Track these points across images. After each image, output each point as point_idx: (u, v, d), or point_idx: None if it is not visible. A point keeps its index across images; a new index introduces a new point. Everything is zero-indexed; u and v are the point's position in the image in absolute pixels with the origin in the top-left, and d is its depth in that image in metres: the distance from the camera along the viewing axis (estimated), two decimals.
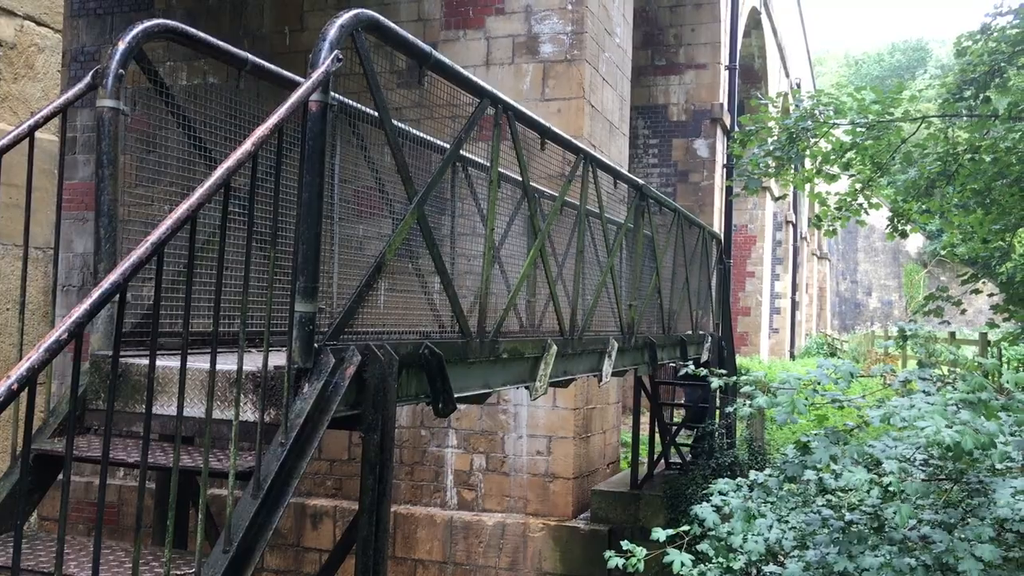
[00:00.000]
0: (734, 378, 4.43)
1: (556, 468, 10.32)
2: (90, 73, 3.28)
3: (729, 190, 18.30)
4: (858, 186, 14.21)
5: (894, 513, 3.16)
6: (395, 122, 3.84)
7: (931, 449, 3.38)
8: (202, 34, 3.66)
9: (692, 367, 5.10)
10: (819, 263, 41.94)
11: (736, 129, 18.19)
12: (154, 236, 2.30)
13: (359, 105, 3.80)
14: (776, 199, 16.37)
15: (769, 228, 25.15)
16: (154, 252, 2.29)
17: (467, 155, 5.09)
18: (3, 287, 3.81)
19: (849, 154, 13.80)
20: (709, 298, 10.33)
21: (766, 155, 13.45)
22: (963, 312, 13.02)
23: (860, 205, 14.45)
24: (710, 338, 10.12)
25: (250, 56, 3.91)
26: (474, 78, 4.18)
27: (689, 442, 11.41)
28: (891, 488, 3.35)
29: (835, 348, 32.56)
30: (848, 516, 3.74)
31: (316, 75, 2.98)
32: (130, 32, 3.32)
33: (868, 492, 3.56)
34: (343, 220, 4.00)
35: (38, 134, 3.22)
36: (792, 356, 29.56)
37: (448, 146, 4.93)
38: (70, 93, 3.19)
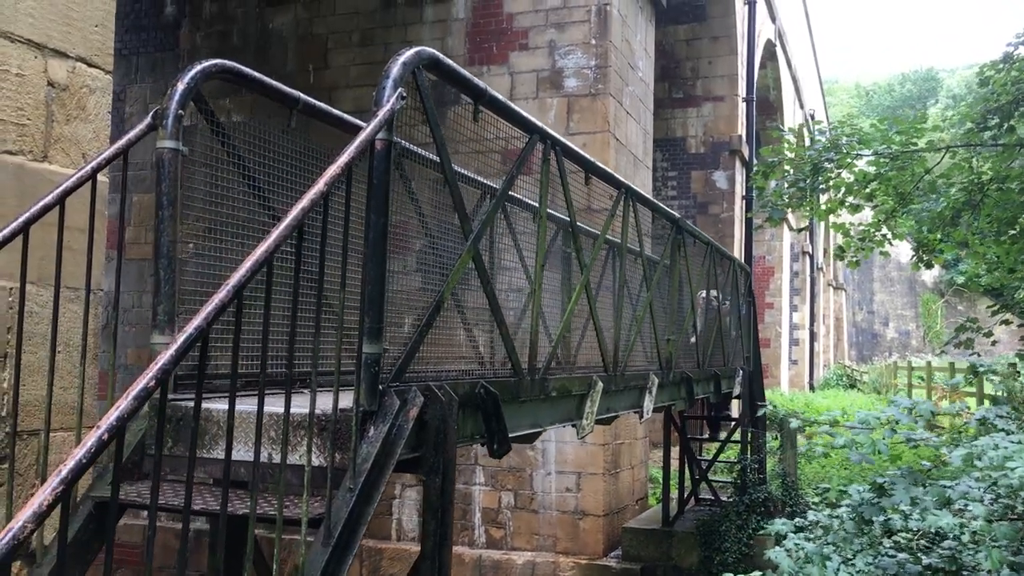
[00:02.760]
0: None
1: (586, 505, 10.17)
2: (150, 114, 3.26)
3: (750, 222, 18.26)
4: (881, 217, 14.15)
5: (985, 557, 3.05)
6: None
7: (1022, 492, 3.28)
8: (256, 74, 3.65)
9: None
10: (835, 293, 41.75)
11: (756, 161, 18.20)
12: (234, 279, 2.26)
13: (413, 146, 3.77)
14: (799, 231, 16.31)
15: (787, 259, 25.07)
16: (235, 295, 2.24)
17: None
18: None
19: (872, 185, 13.76)
20: (739, 331, 10.24)
21: (790, 186, 13.42)
22: (994, 344, 12.89)
23: (884, 235, 14.38)
24: (741, 371, 10.02)
25: (302, 95, 3.91)
26: (525, 114, 4.15)
27: (721, 478, 11.26)
28: (976, 531, 3.25)
29: (855, 379, 32.29)
30: (925, 560, 3.63)
31: (382, 113, 2.95)
32: (188, 72, 3.31)
33: (958, 537, 3.45)
34: (393, 255, 3.95)
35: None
36: (811, 388, 29.32)
37: (491, 184, 4.91)
38: (131, 134, 3.17)
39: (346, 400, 3.05)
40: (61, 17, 3.87)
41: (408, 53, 3.18)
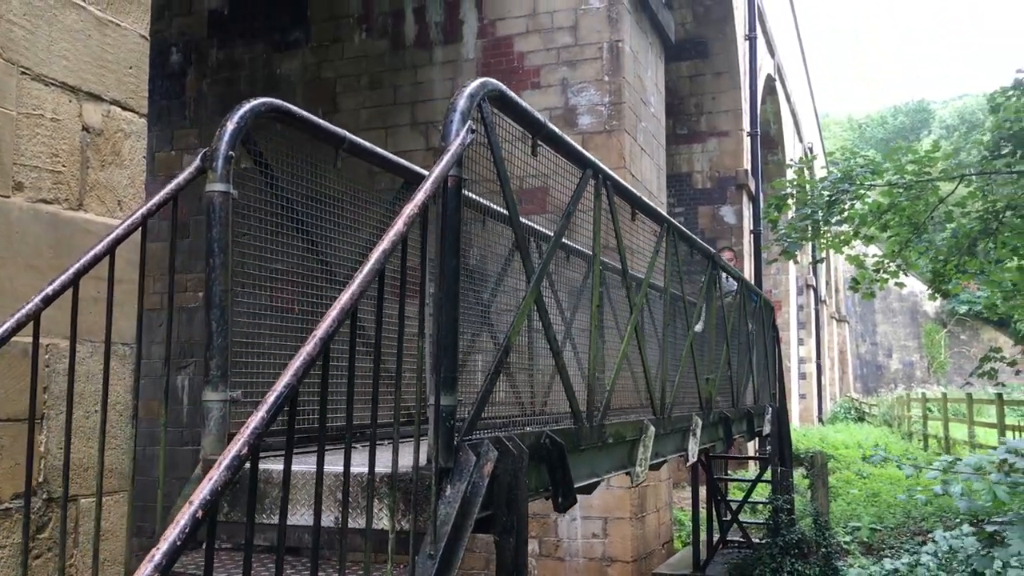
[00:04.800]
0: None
1: (614, 551, 9.86)
2: (199, 156, 3.07)
3: (759, 256, 18.13)
4: (896, 248, 14.01)
5: None
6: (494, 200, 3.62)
7: None
8: (305, 112, 3.48)
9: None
10: (838, 326, 41.57)
11: (763, 195, 18.10)
12: (320, 331, 2.05)
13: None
14: (813, 263, 16.16)
15: (793, 293, 24.93)
16: (322, 348, 2.03)
17: (535, 227, 4.87)
18: (92, 388, 3.54)
19: (887, 215, 13.62)
20: (766, 367, 10.02)
21: (803, 219, 13.28)
22: (1017, 373, 12.69)
23: (899, 266, 14.22)
24: (770, 409, 9.79)
25: (348, 135, 3.73)
26: (579, 148, 3.98)
27: (752, 519, 10.96)
28: None
29: (863, 412, 31.98)
30: None
31: (453, 148, 2.76)
32: (238, 112, 3.12)
33: None
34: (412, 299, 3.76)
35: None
36: (821, 421, 29.01)
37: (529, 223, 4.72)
38: (180, 178, 2.98)
39: (410, 457, 2.83)
40: (95, 59, 3.70)
41: (474, 84, 3.00)
